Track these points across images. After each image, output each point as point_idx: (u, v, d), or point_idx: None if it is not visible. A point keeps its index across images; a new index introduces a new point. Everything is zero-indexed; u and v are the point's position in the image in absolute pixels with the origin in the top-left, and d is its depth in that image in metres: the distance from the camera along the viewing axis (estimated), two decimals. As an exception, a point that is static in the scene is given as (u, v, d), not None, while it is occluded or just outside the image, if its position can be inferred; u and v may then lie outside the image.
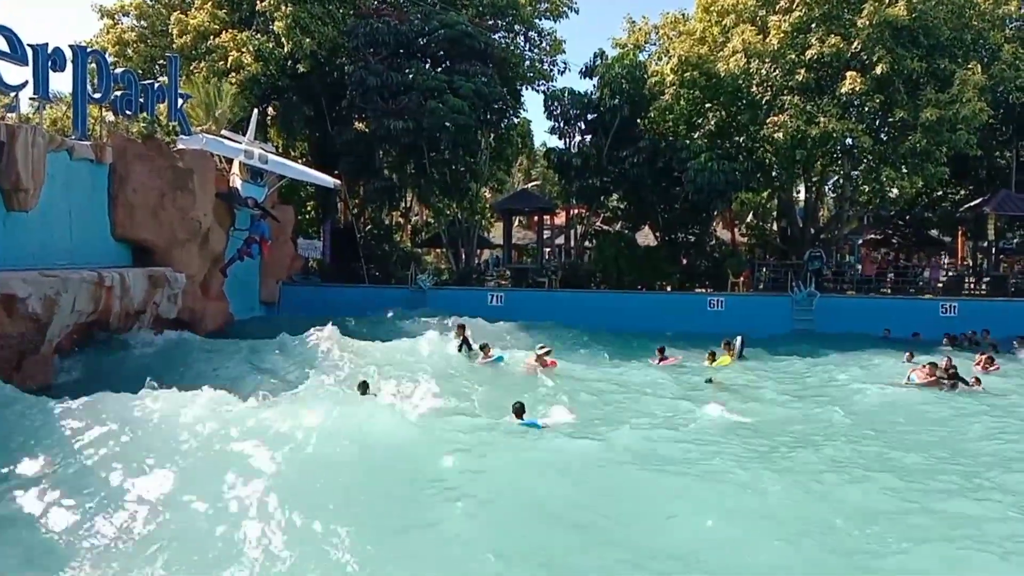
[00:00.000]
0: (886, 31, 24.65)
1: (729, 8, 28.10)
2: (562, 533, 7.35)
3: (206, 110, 24.71)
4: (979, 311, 24.86)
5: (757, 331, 22.17)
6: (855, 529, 7.52)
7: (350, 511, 7.39)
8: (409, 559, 6.82)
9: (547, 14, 33.86)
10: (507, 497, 7.93)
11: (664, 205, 31.46)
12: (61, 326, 14.61)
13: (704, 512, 7.73)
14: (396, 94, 28.26)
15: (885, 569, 6.83)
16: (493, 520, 7.47)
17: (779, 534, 7.36)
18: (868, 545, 7.23)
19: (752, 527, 7.50)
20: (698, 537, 7.32)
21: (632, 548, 7.07)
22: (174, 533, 7.14)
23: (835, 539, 7.34)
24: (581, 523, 7.50)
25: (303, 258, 29.71)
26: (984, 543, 7.25)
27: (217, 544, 6.95)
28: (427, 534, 7.18)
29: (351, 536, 6.96)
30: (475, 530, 7.25)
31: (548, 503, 7.88)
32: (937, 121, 24.19)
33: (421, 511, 7.55)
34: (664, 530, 7.52)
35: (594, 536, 7.30)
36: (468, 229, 32.97)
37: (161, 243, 19.46)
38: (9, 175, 14.77)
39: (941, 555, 7.04)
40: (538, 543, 7.10)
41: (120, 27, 31.92)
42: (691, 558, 6.94)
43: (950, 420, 12.83)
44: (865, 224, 36.58)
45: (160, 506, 7.56)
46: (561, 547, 7.09)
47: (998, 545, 7.20)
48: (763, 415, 12.71)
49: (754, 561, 6.92)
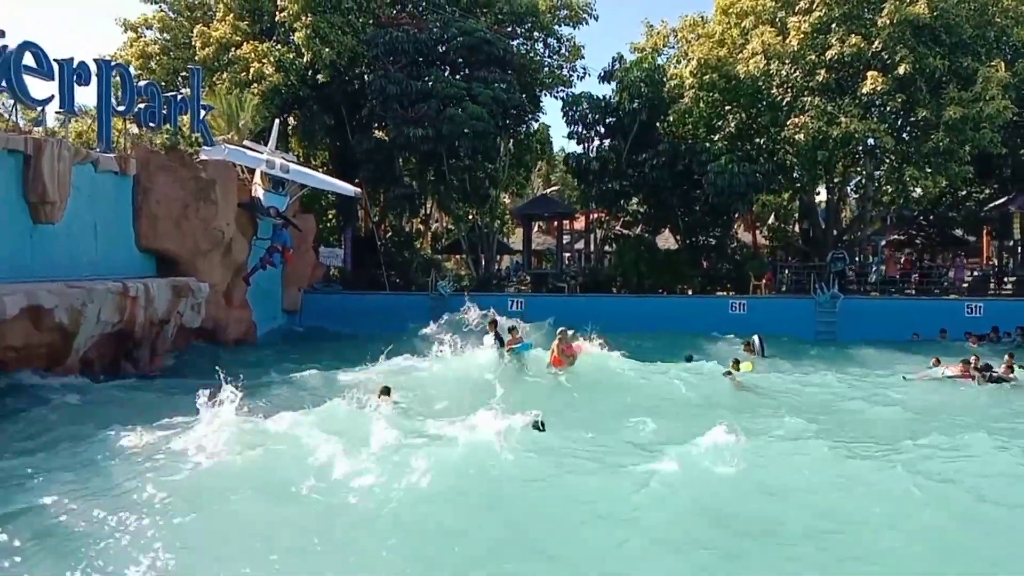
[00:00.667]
0: (907, 30, 24.44)
1: (748, 10, 27.99)
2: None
3: (228, 121, 24.97)
4: (1005, 311, 24.52)
5: (780, 334, 22.07)
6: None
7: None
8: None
9: (566, 20, 33.91)
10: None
11: (684, 208, 31.38)
12: (87, 336, 14.82)
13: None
14: (415, 102, 28.40)
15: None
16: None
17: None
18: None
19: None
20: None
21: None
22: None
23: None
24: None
25: (324, 266, 29.89)
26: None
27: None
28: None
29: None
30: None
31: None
32: (960, 119, 23.93)
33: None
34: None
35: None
36: (488, 235, 33.01)
37: (184, 253, 19.69)
38: (36, 188, 15.04)
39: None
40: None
41: (143, 40, 32.34)
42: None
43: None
44: (888, 225, 36.21)
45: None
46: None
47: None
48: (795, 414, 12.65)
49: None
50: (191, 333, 19.76)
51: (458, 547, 7.06)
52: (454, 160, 29.49)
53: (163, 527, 7.27)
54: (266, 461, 8.68)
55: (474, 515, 7.64)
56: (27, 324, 13.26)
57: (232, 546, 7.06)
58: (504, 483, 8.33)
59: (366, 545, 7.10)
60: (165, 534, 7.13)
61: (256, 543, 7.08)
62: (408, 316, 24.76)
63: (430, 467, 8.23)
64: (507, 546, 7.15)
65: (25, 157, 14.94)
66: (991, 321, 23.66)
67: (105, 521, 7.37)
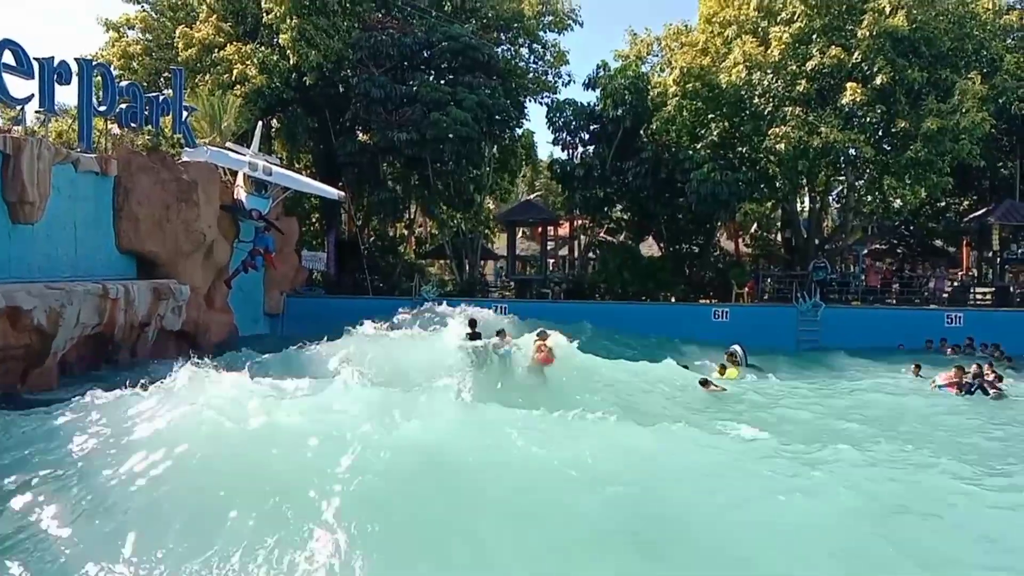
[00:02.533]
0: (887, 42, 24.69)
1: (731, 19, 28.17)
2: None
3: (211, 123, 24.82)
4: (985, 321, 24.80)
5: (762, 342, 22.20)
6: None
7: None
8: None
9: (551, 27, 34.04)
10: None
11: (667, 216, 31.53)
12: (66, 338, 14.66)
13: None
14: (400, 106, 28.39)
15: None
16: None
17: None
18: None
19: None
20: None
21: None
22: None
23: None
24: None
25: (307, 270, 29.77)
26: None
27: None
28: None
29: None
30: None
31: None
32: (939, 131, 24.18)
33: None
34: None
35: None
36: (472, 240, 33.03)
37: (165, 255, 19.54)
38: (15, 188, 14.90)
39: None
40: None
41: (125, 40, 32.13)
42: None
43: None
44: (869, 235, 36.53)
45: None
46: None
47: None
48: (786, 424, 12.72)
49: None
50: (171, 336, 19.58)
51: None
52: (438, 164, 29.48)
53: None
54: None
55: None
56: (5, 325, 13.11)
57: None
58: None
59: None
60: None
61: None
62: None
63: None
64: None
65: (4, 156, 14.82)
66: (971, 331, 23.93)
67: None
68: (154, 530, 6.98)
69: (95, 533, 7.08)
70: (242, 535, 6.79)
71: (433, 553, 6.65)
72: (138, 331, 17.39)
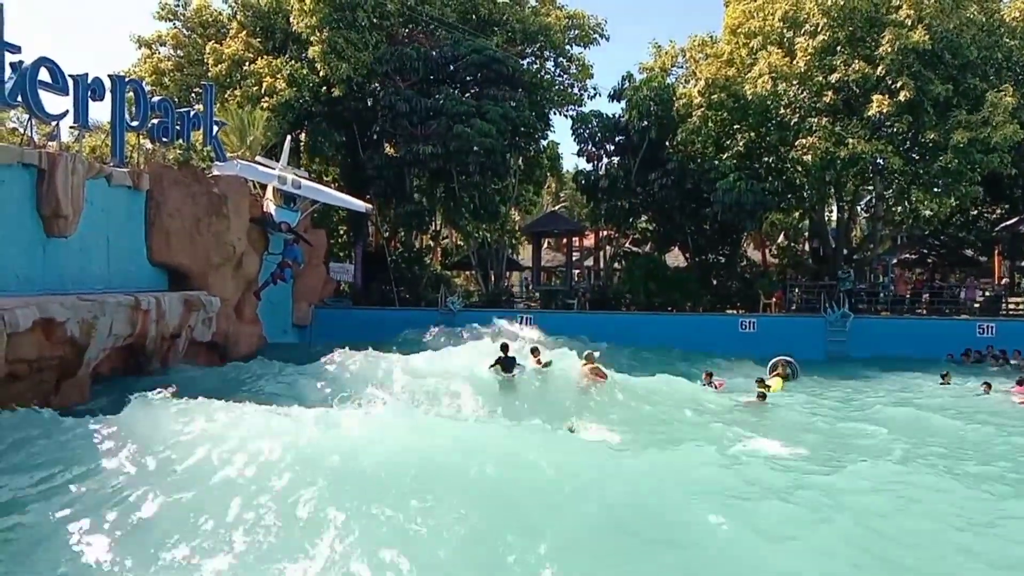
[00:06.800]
0: (910, 55, 24.36)
1: (756, 30, 28.10)
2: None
3: (240, 136, 25.20)
4: (1017, 331, 24.36)
5: (790, 352, 21.99)
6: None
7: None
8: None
9: (577, 40, 34.16)
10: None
11: (693, 226, 31.41)
12: (99, 349, 14.89)
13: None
14: (425, 119, 28.62)
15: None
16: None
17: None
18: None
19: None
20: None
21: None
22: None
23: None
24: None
25: (335, 281, 30.02)
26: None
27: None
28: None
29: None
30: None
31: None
32: (968, 143, 23.87)
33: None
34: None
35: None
36: (497, 251, 33.13)
37: (196, 267, 19.84)
38: (49, 202, 15.21)
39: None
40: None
41: (157, 57, 32.71)
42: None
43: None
44: (899, 244, 36.10)
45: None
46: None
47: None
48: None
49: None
50: (201, 347, 19.84)
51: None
52: (464, 177, 29.63)
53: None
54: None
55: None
56: (39, 336, 13.31)
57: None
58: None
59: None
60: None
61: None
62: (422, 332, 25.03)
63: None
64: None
65: (39, 171, 15.12)
66: (1003, 341, 23.58)
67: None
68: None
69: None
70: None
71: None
72: (169, 342, 17.63)
